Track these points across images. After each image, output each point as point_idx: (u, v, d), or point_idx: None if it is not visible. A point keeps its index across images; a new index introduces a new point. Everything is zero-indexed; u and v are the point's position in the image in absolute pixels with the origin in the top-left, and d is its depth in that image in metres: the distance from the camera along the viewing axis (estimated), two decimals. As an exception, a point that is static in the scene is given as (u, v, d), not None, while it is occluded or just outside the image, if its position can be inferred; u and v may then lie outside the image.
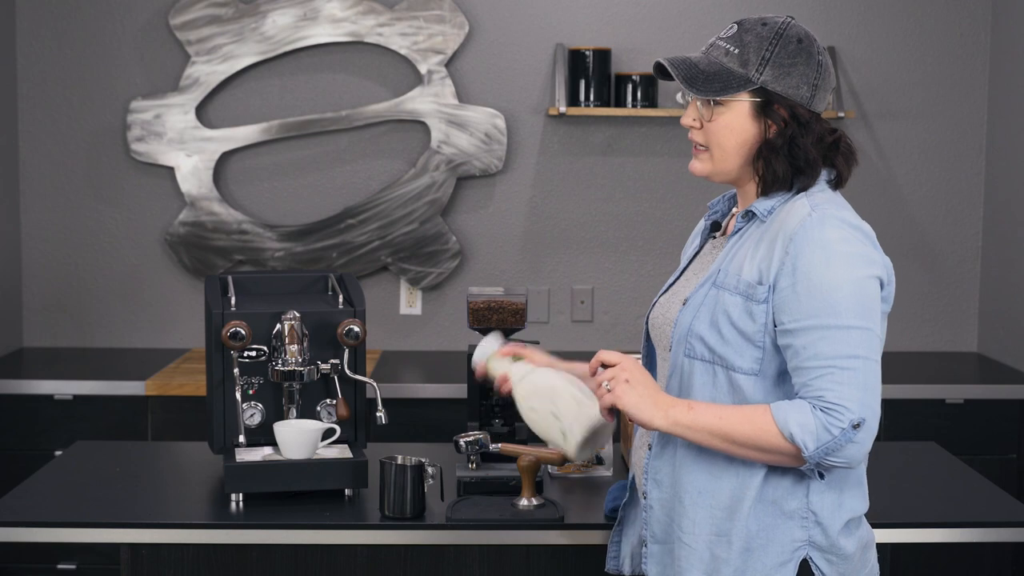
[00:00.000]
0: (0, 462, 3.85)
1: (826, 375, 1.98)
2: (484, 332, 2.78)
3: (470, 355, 2.78)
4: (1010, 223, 4.27)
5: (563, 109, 4.19)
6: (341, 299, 2.77)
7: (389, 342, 4.45)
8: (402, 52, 4.32)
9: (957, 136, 4.45)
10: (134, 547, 2.64)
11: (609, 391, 2.09)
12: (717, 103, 2.10)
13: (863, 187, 4.40)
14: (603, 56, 4.23)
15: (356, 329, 2.68)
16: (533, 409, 2.23)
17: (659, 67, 2.15)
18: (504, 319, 2.77)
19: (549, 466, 2.69)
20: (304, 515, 2.52)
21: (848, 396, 1.97)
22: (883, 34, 4.40)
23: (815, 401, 1.98)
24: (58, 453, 3.44)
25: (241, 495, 2.58)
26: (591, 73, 4.22)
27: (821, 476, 2.06)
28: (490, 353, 2.34)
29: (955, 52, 4.42)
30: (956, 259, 4.48)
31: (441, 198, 4.36)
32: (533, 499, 2.54)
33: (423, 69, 4.31)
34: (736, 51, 2.09)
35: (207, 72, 4.30)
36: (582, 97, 4.24)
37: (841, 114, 4.20)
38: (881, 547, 2.59)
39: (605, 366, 2.13)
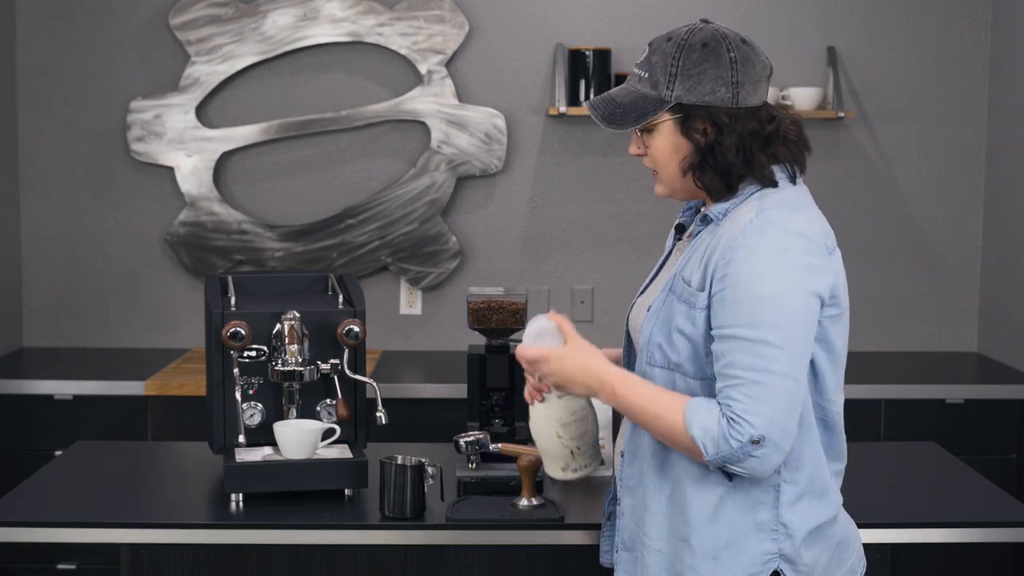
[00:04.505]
0: (0, 462, 3.85)
1: (737, 386, 1.96)
2: (484, 332, 2.77)
3: (470, 355, 2.79)
4: (1010, 223, 4.27)
5: (563, 109, 4.19)
6: (341, 299, 2.77)
7: (389, 342, 4.45)
8: (402, 52, 4.32)
9: (957, 136, 4.45)
10: (134, 547, 2.64)
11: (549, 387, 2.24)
12: (645, 131, 2.10)
13: (863, 187, 4.40)
14: (603, 56, 4.23)
15: (356, 329, 2.67)
16: (564, 427, 2.28)
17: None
18: (504, 319, 2.76)
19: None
20: (304, 515, 2.52)
21: (753, 411, 1.95)
22: (883, 34, 4.40)
23: (724, 409, 1.98)
24: (58, 453, 3.43)
25: (241, 495, 2.57)
26: (591, 73, 4.22)
27: (729, 478, 2.05)
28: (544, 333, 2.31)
29: (955, 52, 4.42)
30: (956, 259, 4.48)
31: (441, 198, 4.36)
32: (533, 499, 2.54)
33: (423, 69, 4.31)
34: (646, 75, 2.09)
35: (207, 72, 4.30)
36: (582, 97, 4.23)
37: (841, 114, 4.20)
38: (881, 547, 2.60)
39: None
